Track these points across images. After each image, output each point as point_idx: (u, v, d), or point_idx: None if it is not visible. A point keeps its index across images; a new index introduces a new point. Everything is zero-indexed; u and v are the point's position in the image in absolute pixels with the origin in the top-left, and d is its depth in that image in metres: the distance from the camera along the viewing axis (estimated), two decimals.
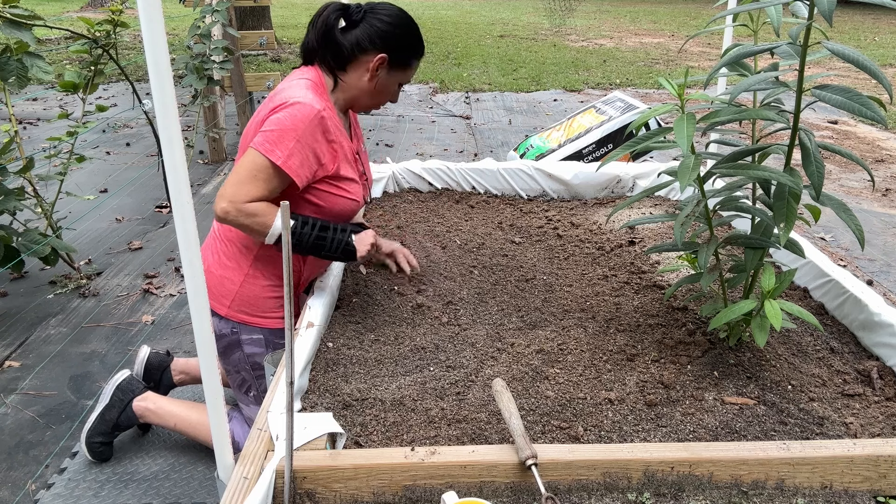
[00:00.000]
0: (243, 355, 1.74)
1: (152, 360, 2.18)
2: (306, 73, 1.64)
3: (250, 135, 1.58)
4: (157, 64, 0.91)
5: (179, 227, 1.00)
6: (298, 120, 1.49)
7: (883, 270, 3.35)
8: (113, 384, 2.01)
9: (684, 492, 1.14)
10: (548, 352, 1.56)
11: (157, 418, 1.98)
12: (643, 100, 6.95)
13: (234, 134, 5.46)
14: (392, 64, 1.63)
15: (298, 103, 1.50)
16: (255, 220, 1.51)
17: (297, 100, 1.51)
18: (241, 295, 1.69)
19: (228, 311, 1.70)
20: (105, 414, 1.98)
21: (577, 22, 14.29)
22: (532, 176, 2.62)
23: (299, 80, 1.61)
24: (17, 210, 2.74)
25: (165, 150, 0.96)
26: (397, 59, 1.63)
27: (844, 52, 1.21)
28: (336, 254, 1.61)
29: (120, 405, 1.98)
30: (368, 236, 1.67)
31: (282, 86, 1.62)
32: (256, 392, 1.78)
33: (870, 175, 1.38)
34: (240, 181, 1.49)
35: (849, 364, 1.55)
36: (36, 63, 2.65)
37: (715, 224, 1.50)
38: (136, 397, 2.00)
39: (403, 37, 1.62)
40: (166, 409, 1.97)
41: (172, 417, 1.96)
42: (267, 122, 1.51)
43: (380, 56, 1.60)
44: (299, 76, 1.63)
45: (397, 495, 1.13)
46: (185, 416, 1.95)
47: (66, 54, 8.50)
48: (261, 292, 1.70)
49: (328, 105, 1.60)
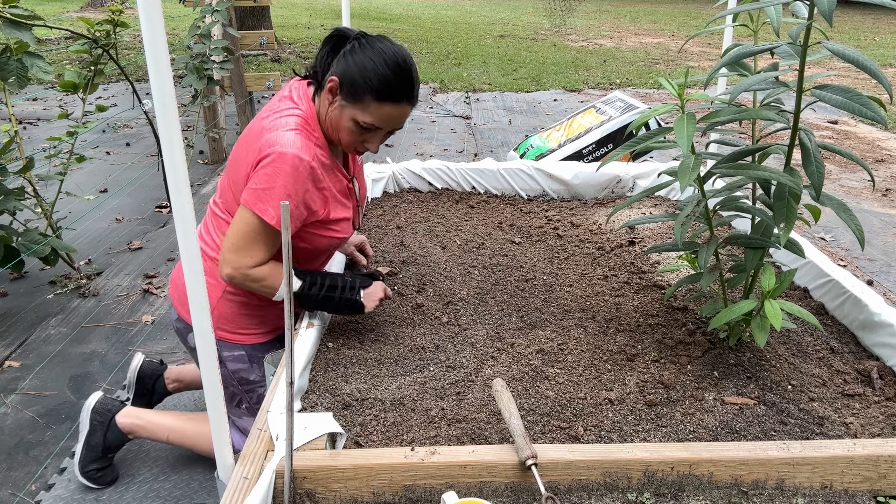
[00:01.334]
0: (227, 372, 1.69)
1: (145, 369, 2.14)
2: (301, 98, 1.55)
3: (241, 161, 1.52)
4: (157, 64, 0.91)
5: (179, 227, 1.00)
6: (287, 175, 1.43)
7: (883, 270, 3.35)
8: (87, 409, 1.92)
9: (684, 492, 1.14)
10: (548, 352, 1.56)
11: (148, 433, 1.91)
12: (643, 100, 6.95)
13: (233, 134, 5.46)
14: (344, 92, 1.46)
15: (286, 155, 1.42)
16: (262, 285, 1.51)
17: (284, 150, 1.43)
18: (220, 311, 1.65)
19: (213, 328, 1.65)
20: (90, 440, 1.91)
21: (577, 22, 14.29)
22: (532, 176, 2.62)
23: (289, 113, 1.51)
24: (17, 210, 2.74)
25: (165, 150, 0.96)
26: (350, 89, 1.45)
27: (844, 52, 1.21)
28: (343, 310, 1.61)
29: (102, 427, 1.90)
30: (378, 291, 1.63)
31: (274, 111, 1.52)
32: (249, 404, 1.75)
33: (870, 175, 1.38)
34: (238, 247, 1.47)
35: (849, 364, 1.55)
36: (36, 63, 2.65)
37: (715, 224, 1.50)
38: (118, 414, 1.92)
39: (369, 70, 1.44)
40: (156, 421, 1.92)
41: (164, 430, 1.90)
42: (255, 177, 1.45)
43: (331, 78, 1.46)
44: (291, 107, 1.53)
45: (397, 495, 1.13)
46: (179, 426, 1.90)
47: (66, 54, 8.51)
48: (239, 309, 1.65)
49: (317, 141, 1.51)
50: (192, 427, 1.90)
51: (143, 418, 1.92)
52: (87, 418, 1.91)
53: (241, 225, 1.47)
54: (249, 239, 1.47)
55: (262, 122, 1.53)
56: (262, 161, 1.45)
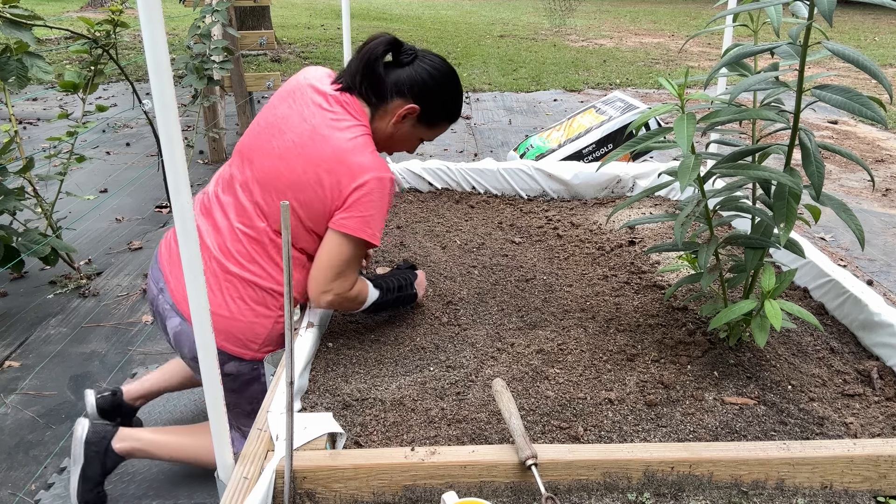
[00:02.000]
0: (262, 388, 1.68)
1: (102, 406, 2.04)
2: (360, 115, 1.55)
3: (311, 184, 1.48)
4: (157, 64, 0.91)
5: (179, 227, 1.00)
6: (387, 197, 1.49)
7: (883, 270, 3.35)
8: (80, 442, 1.79)
9: (684, 492, 1.14)
10: (548, 352, 1.56)
11: (147, 453, 1.82)
12: (643, 100, 6.95)
13: (233, 134, 5.46)
14: (421, 118, 1.58)
15: (384, 179, 1.47)
16: (359, 301, 1.56)
17: (380, 175, 1.47)
18: (272, 335, 1.61)
19: (255, 353, 1.62)
20: (86, 473, 1.79)
21: (577, 22, 14.29)
22: (532, 176, 2.62)
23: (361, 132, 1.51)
24: (17, 210, 2.74)
25: (165, 150, 0.96)
26: (428, 116, 1.58)
27: (844, 52, 1.21)
28: (403, 305, 1.70)
29: (99, 457, 1.79)
30: (423, 279, 1.75)
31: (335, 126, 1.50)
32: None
33: (870, 175, 1.38)
34: (341, 273, 1.50)
35: (849, 364, 1.55)
36: (36, 63, 2.65)
37: (715, 224, 1.50)
38: (113, 440, 1.81)
39: (442, 95, 1.57)
40: (155, 440, 1.83)
41: (164, 449, 1.82)
42: (357, 204, 1.46)
43: (410, 106, 1.54)
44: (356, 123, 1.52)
45: (397, 495, 1.13)
46: (180, 443, 1.83)
47: (66, 54, 8.51)
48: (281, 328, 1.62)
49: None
50: (192, 442, 1.83)
51: (141, 439, 1.82)
52: (82, 451, 1.79)
53: (345, 249, 1.49)
54: (351, 263, 1.50)
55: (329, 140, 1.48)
56: (360, 187, 1.46)
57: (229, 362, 1.60)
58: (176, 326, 1.61)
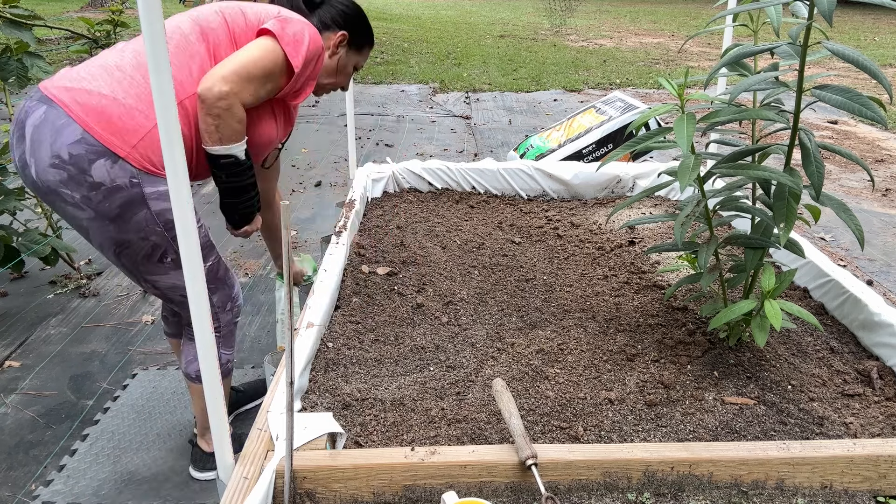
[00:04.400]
0: (150, 214, 1.46)
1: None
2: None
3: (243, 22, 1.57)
4: (157, 64, 0.91)
5: (179, 226, 1.00)
6: (313, 39, 1.54)
7: (883, 270, 3.35)
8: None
9: (684, 492, 1.14)
10: (548, 352, 1.56)
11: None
12: (643, 100, 6.95)
13: None
14: (351, 44, 1.74)
15: (309, 23, 1.56)
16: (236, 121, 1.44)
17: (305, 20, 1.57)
18: (153, 137, 1.43)
19: (132, 151, 1.41)
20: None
21: (577, 22, 14.29)
22: (532, 176, 2.62)
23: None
24: (17, 210, 2.74)
25: (165, 151, 0.96)
26: (356, 41, 1.75)
27: (844, 52, 1.21)
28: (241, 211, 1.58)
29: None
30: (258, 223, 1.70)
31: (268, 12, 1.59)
32: (175, 255, 1.52)
33: (870, 175, 1.38)
34: (249, 78, 1.44)
35: (849, 364, 1.55)
36: (36, 63, 2.65)
37: (715, 224, 1.50)
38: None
39: (360, 21, 1.75)
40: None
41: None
42: (280, 19, 1.51)
43: (342, 33, 1.70)
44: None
45: (397, 495, 1.13)
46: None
47: (66, 54, 8.51)
48: None
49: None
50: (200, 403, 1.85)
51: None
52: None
53: (262, 55, 1.47)
54: (262, 77, 1.47)
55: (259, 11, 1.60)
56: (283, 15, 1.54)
57: (97, 160, 1.39)
58: (72, 145, 1.39)
